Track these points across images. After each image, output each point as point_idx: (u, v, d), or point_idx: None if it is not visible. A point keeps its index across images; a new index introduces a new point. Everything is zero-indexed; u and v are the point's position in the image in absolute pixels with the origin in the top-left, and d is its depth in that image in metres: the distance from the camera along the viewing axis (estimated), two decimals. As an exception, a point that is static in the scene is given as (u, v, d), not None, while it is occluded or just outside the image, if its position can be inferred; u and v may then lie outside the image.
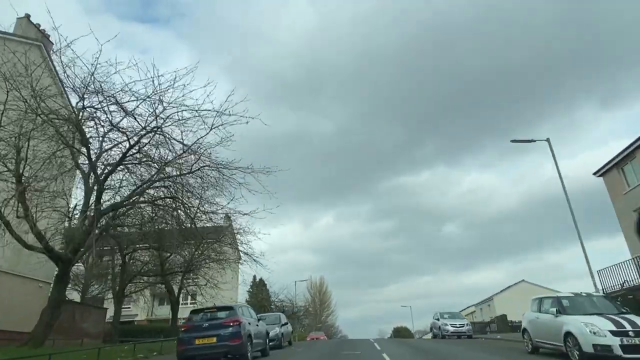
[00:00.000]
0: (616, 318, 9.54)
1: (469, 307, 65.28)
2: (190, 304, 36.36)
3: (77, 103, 13.86)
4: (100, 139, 14.15)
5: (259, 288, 56.03)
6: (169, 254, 23.55)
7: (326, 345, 22.94)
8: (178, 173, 15.38)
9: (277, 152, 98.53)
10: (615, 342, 8.79)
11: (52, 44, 16.98)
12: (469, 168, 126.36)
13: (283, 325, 19.36)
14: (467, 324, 24.01)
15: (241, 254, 23.54)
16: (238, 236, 22.84)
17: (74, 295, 29.60)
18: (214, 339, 11.34)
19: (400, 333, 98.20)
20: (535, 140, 20.08)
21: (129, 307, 41.81)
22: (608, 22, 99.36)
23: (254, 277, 56.58)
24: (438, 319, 24.97)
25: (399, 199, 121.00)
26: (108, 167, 14.96)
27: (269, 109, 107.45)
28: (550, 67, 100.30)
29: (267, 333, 15.16)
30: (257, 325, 13.70)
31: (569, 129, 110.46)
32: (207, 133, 14.24)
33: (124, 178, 16.03)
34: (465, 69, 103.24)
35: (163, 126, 14.08)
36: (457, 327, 23.53)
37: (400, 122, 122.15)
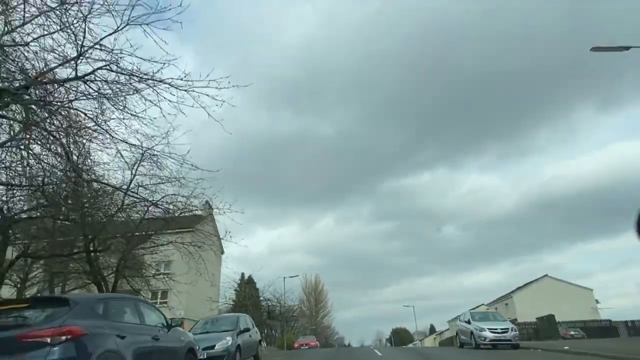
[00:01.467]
0: None
1: (479, 306, 58.23)
2: (161, 304, 29.02)
3: None
4: None
5: (248, 286, 49.29)
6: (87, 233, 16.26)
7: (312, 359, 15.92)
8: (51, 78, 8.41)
9: (278, 153, 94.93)
10: None
11: None
12: (469, 170, 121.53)
13: (242, 332, 12.24)
14: (512, 329, 16.88)
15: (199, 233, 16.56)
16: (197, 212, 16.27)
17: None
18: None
19: (399, 335, 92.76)
20: (629, 48, 13.26)
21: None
22: (608, 23, 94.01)
23: (242, 274, 50.21)
24: (468, 322, 17.69)
25: (399, 200, 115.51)
26: None
27: (270, 111, 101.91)
28: (550, 68, 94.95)
29: (192, 350, 8.12)
30: (157, 339, 6.66)
31: (568, 132, 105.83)
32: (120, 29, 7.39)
33: None
34: (466, 71, 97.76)
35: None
36: (498, 332, 16.45)
37: (401, 124, 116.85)
